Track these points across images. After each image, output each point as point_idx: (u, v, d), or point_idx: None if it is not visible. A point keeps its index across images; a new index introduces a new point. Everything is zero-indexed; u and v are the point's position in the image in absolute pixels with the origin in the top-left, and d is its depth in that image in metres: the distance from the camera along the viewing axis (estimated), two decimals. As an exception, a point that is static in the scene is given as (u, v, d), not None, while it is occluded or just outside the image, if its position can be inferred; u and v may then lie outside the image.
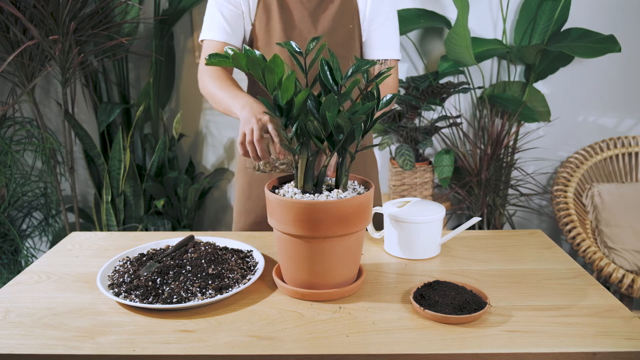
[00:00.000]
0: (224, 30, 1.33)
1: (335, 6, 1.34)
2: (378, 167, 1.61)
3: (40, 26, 2.10)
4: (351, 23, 1.35)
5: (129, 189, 2.37)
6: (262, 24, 1.34)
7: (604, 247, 2.24)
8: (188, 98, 2.59)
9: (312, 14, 1.33)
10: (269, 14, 1.33)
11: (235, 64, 0.94)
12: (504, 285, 1.05)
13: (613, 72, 2.45)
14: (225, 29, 1.33)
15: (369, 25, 1.37)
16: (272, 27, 1.33)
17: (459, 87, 2.32)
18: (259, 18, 1.34)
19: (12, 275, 2.34)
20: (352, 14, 1.35)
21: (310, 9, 1.34)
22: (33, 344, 0.87)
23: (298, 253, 0.97)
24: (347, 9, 1.35)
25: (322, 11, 1.34)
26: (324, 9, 1.34)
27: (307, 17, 1.33)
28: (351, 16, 1.35)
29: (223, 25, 1.33)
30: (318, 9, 1.34)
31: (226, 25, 1.33)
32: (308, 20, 1.33)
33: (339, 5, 1.34)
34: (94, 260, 1.18)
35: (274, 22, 1.33)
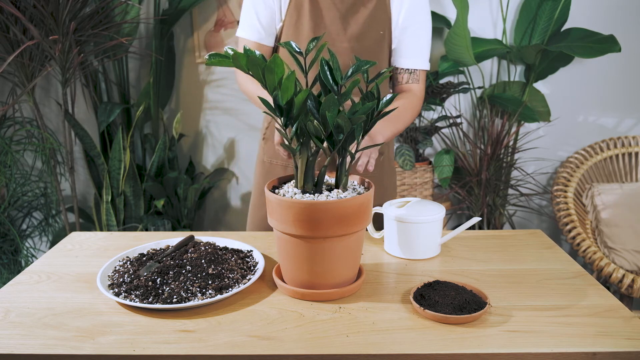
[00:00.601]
0: (257, 32, 1.35)
1: (367, 10, 1.31)
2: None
3: (40, 26, 2.10)
4: (382, 29, 1.33)
5: (129, 189, 2.37)
6: (291, 22, 1.32)
7: (604, 247, 2.24)
8: (188, 98, 2.59)
9: (343, 16, 1.31)
10: (299, 12, 1.31)
11: (235, 64, 0.94)
12: (504, 285, 1.05)
13: (613, 72, 2.45)
14: (258, 30, 1.35)
15: (401, 33, 1.35)
16: (301, 26, 1.31)
17: (459, 87, 2.32)
18: (289, 15, 1.32)
19: (12, 275, 2.34)
20: (384, 21, 1.33)
21: (342, 10, 1.31)
22: (33, 344, 0.87)
23: (298, 253, 0.97)
24: (380, 14, 1.32)
25: (354, 14, 1.32)
26: (356, 12, 1.32)
27: (337, 19, 1.31)
28: (383, 22, 1.33)
29: (257, 27, 1.34)
30: (350, 11, 1.31)
31: (260, 27, 1.34)
32: (338, 22, 1.31)
33: (372, 10, 1.31)
34: (94, 260, 1.18)
35: (304, 20, 1.31)
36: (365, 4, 1.32)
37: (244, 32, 1.37)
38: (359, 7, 1.32)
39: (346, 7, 1.31)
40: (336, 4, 1.31)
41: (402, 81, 1.40)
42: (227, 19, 2.48)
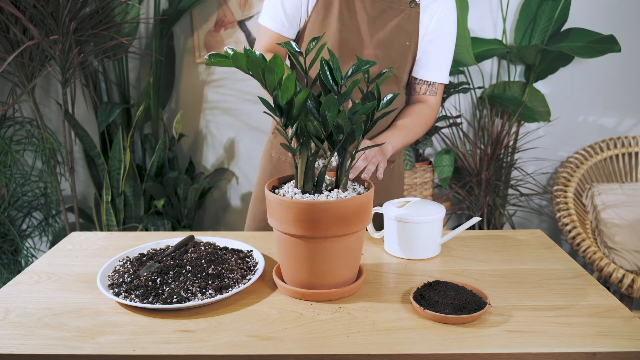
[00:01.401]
0: (281, 23, 1.31)
1: (397, 20, 1.29)
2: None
3: (40, 26, 2.10)
4: (408, 40, 1.31)
5: (129, 189, 2.37)
6: (318, 19, 1.29)
7: (604, 247, 2.24)
8: (188, 98, 2.59)
9: (372, 21, 1.29)
10: (328, 10, 1.28)
11: (235, 64, 0.94)
12: (504, 285, 1.05)
13: (613, 72, 2.45)
14: (282, 22, 1.30)
15: (427, 45, 1.33)
16: (328, 25, 1.28)
17: (459, 87, 2.32)
18: (316, 12, 1.29)
19: (12, 275, 2.34)
20: (412, 32, 1.31)
21: (372, 16, 1.29)
22: (33, 344, 0.87)
23: (298, 253, 0.97)
24: (408, 25, 1.30)
25: (383, 21, 1.29)
26: (386, 20, 1.29)
27: (365, 23, 1.29)
28: (410, 34, 1.31)
29: (281, 18, 1.30)
30: (379, 18, 1.29)
31: (284, 18, 1.30)
32: (366, 27, 1.29)
33: (400, 20, 1.29)
34: (94, 260, 1.18)
35: (332, 21, 1.28)
36: (397, 14, 1.29)
37: (266, 21, 1.32)
38: (390, 15, 1.29)
39: (376, 13, 1.29)
40: (366, 9, 1.28)
41: (420, 92, 1.39)
42: (227, 19, 2.48)
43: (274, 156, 1.46)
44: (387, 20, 1.29)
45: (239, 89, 2.56)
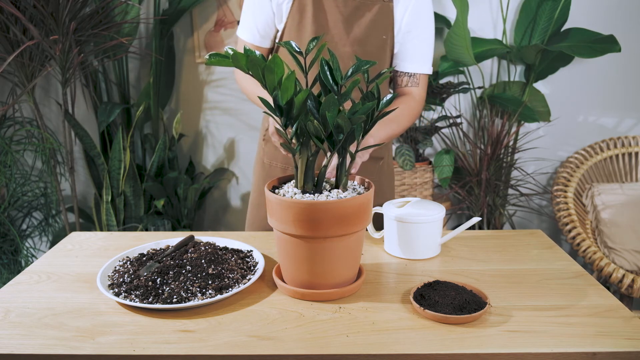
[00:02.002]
0: (252, 34, 1.37)
1: (371, 14, 1.31)
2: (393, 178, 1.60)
3: (40, 26, 2.10)
4: (385, 34, 1.33)
5: (129, 189, 2.37)
6: (294, 23, 1.32)
7: (604, 247, 2.24)
8: (188, 98, 2.59)
9: (346, 19, 1.31)
10: (302, 14, 1.31)
11: (235, 64, 0.94)
12: (504, 285, 1.05)
13: (613, 72, 2.45)
14: (254, 33, 1.37)
15: (404, 37, 1.34)
16: (304, 28, 1.31)
17: (459, 87, 2.32)
18: (291, 18, 1.32)
19: (12, 275, 2.34)
20: (387, 25, 1.32)
21: (346, 14, 1.31)
22: (33, 344, 0.87)
23: (298, 253, 0.97)
24: (383, 19, 1.32)
25: (357, 18, 1.31)
26: (359, 16, 1.31)
27: (340, 22, 1.31)
28: (385, 27, 1.32)
29: (253, 30, 1.37)
30: (353, 15, 1.31)
31: (255, 30, 1.36)
32: (341, 25, 1.31)
33: (375, 14, 1.31)
34: (94, 260, 1.18)
35: (307, 23, 1.31)
36: (369, 8, 1.31)
37: (242, 34, 1.40)
38: (363, 12, 1.31)
39: (349, 11, 1.31)
40: (339, 7, 1.31)
41: (402, 84, 1.39)
42: (227, 19, 2.48)
43: (265, 162, 1.48)
44: (361, 17, 1.31)
45: (239, 89, 2.55)
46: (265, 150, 1.49)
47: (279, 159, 1.46)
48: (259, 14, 1.34)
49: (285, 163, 1.45)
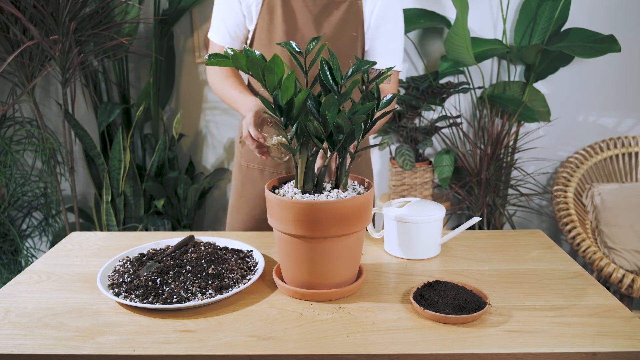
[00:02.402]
0: (224, 37, 1.38)
1: (340, 12, 1.32)
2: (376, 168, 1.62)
3: (40, 26, 2.10)
4: (355, 31, 1.34)
5: (129, 189, 2.37)
6: (264, 25, 1.33)
7: (604, 247, 2.24)
8: (188, 98, 2.59)
9: (315, 18, 1.32)
10: (272, 15, 1.32)
11: (235, 64, 0.94)
12: (504, 285, 1.05)
13: (613, 72, 2.45)
14: (224, 35, 1.38)
15: (373, 33, 1.36)
16: (275, 29, 1.33)
17: (459, 87, 2.32)
18: (261, 19, 1.33)
19: (12, 275, 2.34)
20: (357, 22, 1.34)
21: (315, 13, 1.32)
22: (33, 344, 0.87)
23: (298, 253, 0.97)
24: (352, 16, 1.33)
25: (326, 17, 1.32)
26: (329, 15, 1.32)
27: (310, 21, 1.32)
28: (355, 24, 1.34)
29: (223, 32, 1.38)
30: (322, 14, 1.32)
31: (226, 32, 1.37)
32: (311, 24, 1.32)
33: (344, 12, 1.32)
34: (94, 260, 1.18)
35: (277, 23, 1.32)
36: (338, 6, 1.33)
37: (212, 36, 1.41)
38: (332, 9, 1.33)
39: (318, 10, 1.32)
40: (308, 7, 1.32)
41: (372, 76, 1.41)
42: (227, 19, 2.48)
43: (243, 164, 1.49)
44: (330, 15, 1.33)
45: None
46: (242, 153, 1.50)
47: (255, 161, 1.47)
48: (229, 16, 1.36)
49: (262, 164, 1.46)
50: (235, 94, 1.31)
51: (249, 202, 1.47)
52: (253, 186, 1.46)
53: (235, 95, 1.30)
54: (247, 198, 1.47)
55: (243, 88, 1.33)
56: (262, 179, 1.45)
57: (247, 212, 1.47)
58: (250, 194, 1.47)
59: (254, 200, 1.46)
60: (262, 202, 1.44)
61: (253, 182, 1.46)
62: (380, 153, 2.57)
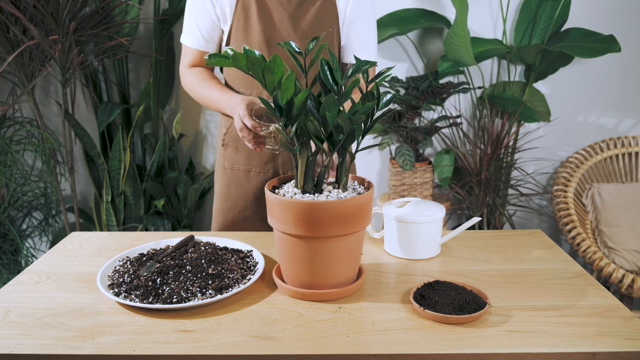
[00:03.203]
0: (197, 40, 1.37)
1: (315, 9, 1.33)
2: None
3: (40, 26, 2.10)
4: (331, 27, 1.35)
5: (129, 189, 2.37)
6: (239, 25, 1.33)
7: (604, 247, 2.23)
8: (188, 98, 2.59)
9: (291, 16, 1.33)
10: (247, 14, 1.32)
11: (235, 64, 0.94)
12: (504, 285, 1.05)
13: (613, 72, 2.45)
14: (198, 38, 1.37)
15: (348, 28, 1.37)
16: (251, 28, 1.32)
17: (459, 87, 2.32)
18: (237, 19, 1.33)
19: (12, 275, 2.34)
20: (332, 18, 1.35)
21: (290, 10, 1.33)
22: (33, 344, 0.87)
23: (298, 253, 0.97)
24: (327, 12, 1.34)
25: (302, 14, 1.33)
26: (304, 12, 1.33)
27: (286, 19, 1.32)
28: (331, 20, 1.35)
29: (197, 35, 1.37)
30: (297, 11, 1.33)
31: (200, 35, 1.36)
32: (287, 22, 1.32)
33: (319, 8, 1.33)
34: (94, 260, 1.18)
35: (253, 23, 1.32)
36: (313, 3, 1.33)
37: (185, 40, 1.40)
38: (307, 7, 1.33)
39: (293, 7, 1.33)
40: (283, 5, 1.32)
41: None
42: (227, 19, 2.48)
43: (227, 167, 1.47)
44: (306, 11, 1.33)
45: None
46: (225, 155, 1.48)
47: (240, 162, 1.45)
48: (202, 18, 1.35)
49: (247, 165, 1.44)
50: (217, 93, 1.30)
51: (237, 204, 1.45)
52: (239, 188, 1.45)
53: (218, 95, 1.29)
54: (234, 200, 1.45)
55: (224, 88, 1.33)
56: (248, 179, 1.43)
57: (236, 214, 1.45)
58: (237, 195, 1.45)
59: (242, 202, 1.44)
60: (252, 202, 1.44)
61: (239, 184, 1.44)
62: (380, 153, 2.57)
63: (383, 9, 2.34)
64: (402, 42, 2.46)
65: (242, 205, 1.45)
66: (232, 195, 1.46)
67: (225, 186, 1.48)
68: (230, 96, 1.26)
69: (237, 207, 1.45)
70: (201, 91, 1.35)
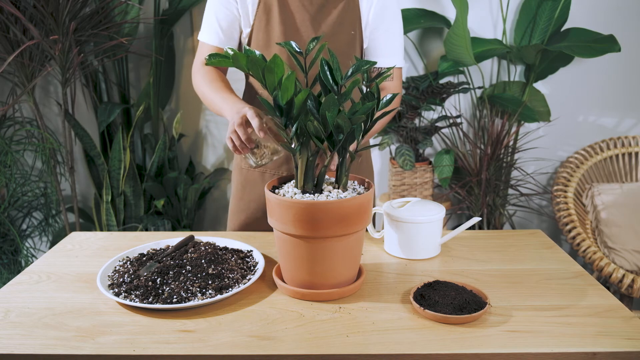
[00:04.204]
0: (217, 36, 1.35)
1: (337, 11, 1.31)
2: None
3: (40, 26, 2.10)
4: (353, 29, 1.33)
5: (129, 189, 2.37)
6: (261, 25, 1.32)
7: (604, 247, 2.24)
8: (188, 98, 2.59)
9: (313, 18, 1.31)
10: (269, 15, 1.31)
11: (235, 64, 0.94)
12: (504, 285, 1.05)
13: (613, 72, 2.45)
14: (219, 34, 1.35)
15: (372, 32, 1.35)
16: (272, 29, 1.32)
17: (459, 87, 2.32)
18: (258, 19, 1.32)
19: (12, 275, 2.34)
20: (354, 20, 1.33)
21: (312, 12, 1.31)
22: (33, 344, 0.87)
23: (298, 253, 0.97)
24: (350, 14, 1.32)
25: (324, 16, 1.32)
26: (326, 14, 1.32)
27: (308, 20, 1.31)
28: (353, 22, 1.33)
29: (217, 31, 1.35)
30: (320, 13, 1.32)
31: (220, 31, 1.35)
32: (309, 24, 1.31)
33: (341, 11, 1.31)
34: (94, 260, 1.18)
35: (274, 24, 1.31)
36: (335, 5, 1.31)
37: (204, 37, 1.38)
38: (330, 9, 1.31)
39: (315, 9, 1.31)
40: (305, 6, 1.31)
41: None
42: (227, 19, 2.48)
43: (243, 167, 1.46)
44: (328, 14, 1.32)
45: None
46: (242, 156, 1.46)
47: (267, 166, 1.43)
48: (223, 14, 1.33)
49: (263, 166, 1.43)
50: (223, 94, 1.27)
51: (250, 205, 1.45)
52: (254, 189, 1.45)
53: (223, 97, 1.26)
54: (248, 201, 1.45)
55: (231, 91, 1.31)
56: (263, 181, 1.44)
57: (249, 216, 1.45)
58: (250, 196, 1.45)
59: (255, 203, 1.44)
60: (264, 205, 1.43)
61: (254, 185, 1.44)
62: (380, 153, 2.57)
63: (383, 9, 2.34)
64: (402, 42, 2.46)
65: (254, 206, 1.44)
66: (247, 196, 1.45)
67: (240, 186, 1.47)
68: (236, 99, 1.24)
69: (250, 208, 1.44)
70: (207, 91, 1.33)
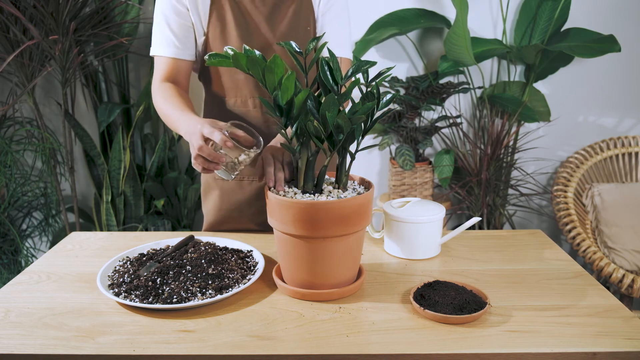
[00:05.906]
0: (173, 45, 1.28)
1: (291, 10, 1.30)
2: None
3: (40, 26, 2.10)
4: (308, 25, 1.33)
5: (129, 189, 2.37)
6: (216, 33, 1.29)
7: (604, 247, 2.24)
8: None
9: (268, 18, 1.30)
10: (223, 22, 1.28)
11: (236, 64, 0.94)
12: (504, 285, 1.05)
13: (613, 72, 2.45)
14: (174, 43, 1.28)
15: (322, 20, 1.34)
16: (228, 35, 1.28)
17: (459, 87, 2.32)
18: (212, 27, 1.29)
19: (12, 275, 2.34)
20: (308, 15, 1.33)
21: (266, 13, 1.29)
22: (33, 344, 0.87)
23: (298, 253, 0.98)
24: (303, 10, 1.32)
25: (279, 15, 1.30)
26: (282, 13, 1.30)
27: (263, 22, 1.29)
28: (307, 18, 1.33)
29: (172, 40, 1.28)
30: (274, 13, 1.30)
31: (175, 39, 1.28)
32: (265, 25, 1.29)
33: (295, 8, 1.30)
34: (94, 260, 1.18)
35: (230, 29, 1.28)
36: (290, 2, 1.30)
37: (158, 50, 1.29)
38: (284, 8, 1.30)
39: (269, 10, 1.30)
40: (258, 7, 1.29)
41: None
42: (227, 19, 2.48)
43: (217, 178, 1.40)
44: (283, 13, 1.31)
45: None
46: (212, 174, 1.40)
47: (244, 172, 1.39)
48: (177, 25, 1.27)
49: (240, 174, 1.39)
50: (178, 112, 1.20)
51: (232, 214, 1.41)
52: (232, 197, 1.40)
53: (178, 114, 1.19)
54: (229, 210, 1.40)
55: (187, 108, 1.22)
56: (241, 188, 1.39)
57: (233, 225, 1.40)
58: (231, 206, 1.40)
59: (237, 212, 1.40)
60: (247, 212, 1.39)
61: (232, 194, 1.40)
62: (380, 153, 2.57)
63: (383, 9, 2.34)
64: (402, 42, 2.46)
65: (236, 215, 1.40)
66: (226, 206, 1.40)
67: (218, 198, 1.41)
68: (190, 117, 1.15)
69: (232, 217, 1.40)
70: (164, 107, 1.25)
